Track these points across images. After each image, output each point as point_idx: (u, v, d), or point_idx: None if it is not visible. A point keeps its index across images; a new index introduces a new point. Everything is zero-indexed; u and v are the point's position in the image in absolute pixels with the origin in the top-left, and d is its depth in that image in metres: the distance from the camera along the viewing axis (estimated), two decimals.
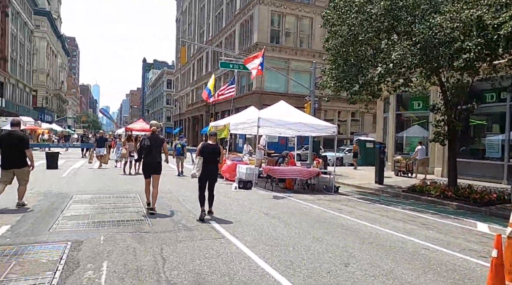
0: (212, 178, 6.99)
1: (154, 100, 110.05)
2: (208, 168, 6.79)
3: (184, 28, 70.75)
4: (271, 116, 11.54)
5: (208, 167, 6.77)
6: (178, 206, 7.82)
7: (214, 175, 7.07)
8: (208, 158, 6.80)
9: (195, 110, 57.04)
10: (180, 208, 7.57)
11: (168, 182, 11.86)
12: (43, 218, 6.04)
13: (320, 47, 40.64)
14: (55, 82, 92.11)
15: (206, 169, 6.74)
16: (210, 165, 6.83)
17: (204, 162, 6.73)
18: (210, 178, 6.94)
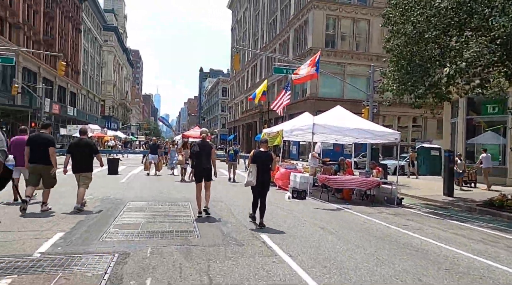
0: (264, 186, 6.86)
1: (210, 108, 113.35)
2: (262, 176, 6.69)
3: (239, 37, 72.05)
4: (327, 122, 10.89)
5: (261, 175, 6.68)
6: (229, 216, 7.51)
7: (266, 183, 6.93)
8: (260, 166, 6.70)
9: (249, 117, 57.49)
10: (230, 219, 7.24)
11: (220, 189, 11.71)
12: (95, 226, 6.03)
13: (378, 50, 38.87)
14: (120, 92, 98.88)
15: (259, 177, 6.66)
16: (262, 172, 6.70)
17: (257, 170, 6.66)
18: (263, 185, 6.82)
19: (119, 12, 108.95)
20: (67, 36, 51.24)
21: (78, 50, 57.26)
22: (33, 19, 39.68)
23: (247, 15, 65.44)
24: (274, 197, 10.72)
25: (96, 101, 72.26)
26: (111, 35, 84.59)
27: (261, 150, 7.06)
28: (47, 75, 43.00)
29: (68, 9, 51.24)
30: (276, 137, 13.82)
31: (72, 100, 53.18)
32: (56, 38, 45.96)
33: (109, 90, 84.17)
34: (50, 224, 6.03)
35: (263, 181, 6.77)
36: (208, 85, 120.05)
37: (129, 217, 6.89)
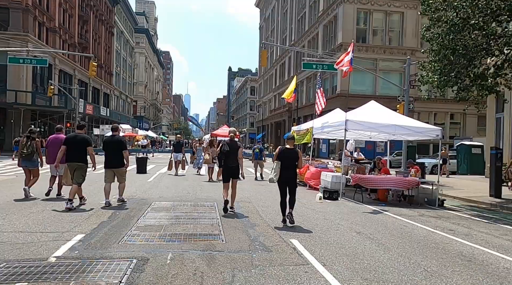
0: (290, 184, 6.70)
1: (238, 107, 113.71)
2: (286, 173, 6.56)
3: (267, 35, 71.56)
4: (361, 118, 10.20)
5: (286, 172, 6.55)
6: (256, 218, 7.06)
7: (292, 180, 6.75)
8: (286, 163, 6.56)
9: (277, 116, 56.93)
10: (258, 221, 6.79)
11: (247, 188, 11.31)
12: (117, 227, 5.77)
13: (412, 43, 37.19)
14: (151, 93, 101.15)
15: (284, 174, 6.54)
16: (288, 170, 6.58)
17: (282, 167, 6.53)
18: (289, 183, 6.68)
19: (149, 15, 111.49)
20: (100, 39, 52.78)
21: (111, 52, 58.88)
22: (69, 23, 41.09)
23: (275, 12, 64.85)
24: (304, 197, 10.18)
25: (128, 102, 74.17)
26: (142, 37, 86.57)
27: (287, 147, 6.85)
28: (82, 77, 44.43)
29: (102, 12, 52.74)
30: (305, 135, 13.25)
31: (105, 101, 54.78)
32: (90, 41, 47.40)
33: (141, 91, 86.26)
34: (72, 224, 5.84)
35: (288, 178, 6.60)
36: (236, 84, 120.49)
37: (152, 218, 6.61)
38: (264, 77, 71.64)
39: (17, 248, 4.50)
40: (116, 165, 7.69)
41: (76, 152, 7.36)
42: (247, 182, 13.51)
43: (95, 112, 39.84)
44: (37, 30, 33.20)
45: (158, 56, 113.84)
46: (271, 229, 6.16)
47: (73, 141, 7.47)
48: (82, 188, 7.63)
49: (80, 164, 7.40)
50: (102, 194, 7.64)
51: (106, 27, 55.78)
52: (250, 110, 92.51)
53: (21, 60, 19.54)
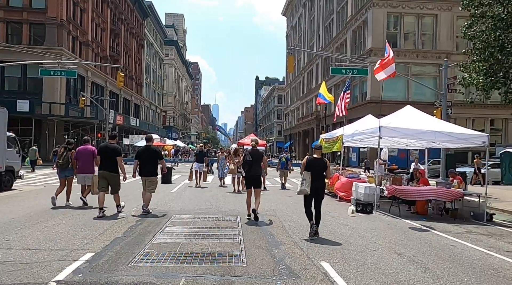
0: (318, 194, 6.51)
1: (265, 115, 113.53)
2: (315, 184, 6.36)
3: (294, 43, 71.14)
4: (396, 124, 9.37)
5: (315, 183, 6.35)
6: (282, 235, 6.42)
7: (320, 191, 6.54)
8: (314, 173, 6.38)
9: (305, 124, 56.03)
10: (284, 238, 6.16)
11: (273, 199, 10.74)
12: (130, 245, 5.31)
13: (447, 46, 35.47)
14: (180, 103, 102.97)
15: (312, 185, 6.34)
16: (316, 180, 6.37)
17: (310, 177, 6.34)
18: (316, 194, 6.47)
19: (179, 27, 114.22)
20: (131, 52, 54.27)
21: (141, 64, 60.42)
22: (101, 37, 42.45)
23: (302, 20, 64.44)
24: (335, 210, 9.43)
25: (158, 112, 75.67)
26: (172, 49, 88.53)
27: (315, 157, 6.66)
28: (113, 88, 45.64)
29: (132, 25, 54.31)
30: (335, 143, 12.50)
31: (135, 111, 56.04)
32: (121, 54, 48.78)
33: (170, 102, 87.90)
34: (84, 241, 5.45)
35: (317, 189, 6.41)
36: (264, 93, 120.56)
37: (169, 234, 6.12)
38: (292, 85, 71.06)
39: (19, 269, 4.12)
40: (150, 174, 7.93)
41: (107, 161, 7.71)
42: (273, 192, 12.95)
43: (125, 123, 40.66)
44: (71, 44, 34.41)
45: (187, 67, 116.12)
46: (299, 249, 5.51)
47: (105, 150, 7.82)
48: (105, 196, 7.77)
49: (112, 174, 7.74)
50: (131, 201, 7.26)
51: (137, 40, 57.35)
52: (278, 119, 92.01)
53: (51, 72, 20.04)
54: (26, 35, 31.48)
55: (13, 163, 12.63)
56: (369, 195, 9.87)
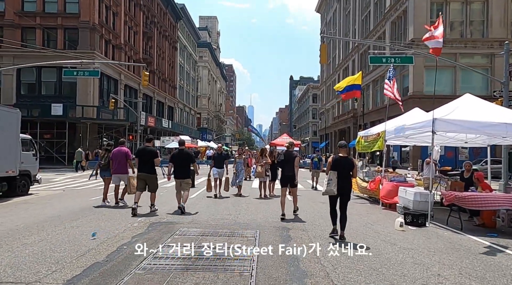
0: (344, 195, 6.28)
1: (300, 115, 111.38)
2: (341, 184, 6.16)
3: (329, 40, 68.76)
4: (455, 116, 7.55)
5: (341, 182, 6.16)
6: (310, 261, 4.93)
7: (346, 191, 6.31)
8: (340, 173, 6.19)
9: (342, 123, 53.59)
10: (313, 267, 4.66)
11: (302, 206, 9.22)
12: (105, 277, 4.09)
13: (501, 34, 31.97)
14: (215, 105, 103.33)
15: (338, 185, 6.14)
16: (342, 180, 6.18)
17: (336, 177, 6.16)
18: (342, 194, 6.26)
19: (212, 29, 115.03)
20: (164, 54, 54.58)
21: (175, 66, 60.73)
22: (134, 40, 42.77)
23: (336, 16, 62.01)
24: (378, 222, 7.78)
25: (192, 114, 76.03)
26: (205, 51, 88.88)
27: (340, 155, 6.40)
28: (147, 91, 45.89)
29: (165, 28, 54.60)
30: (376, 141, 10.77)
31: (169, 113, 56.30)
32: (154, 56, 49.06)
33: (204, 104, 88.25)
34: (53, 267, 4.34)
35: (343, 189, 6.20)
36: (298, 93, 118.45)
37: (164, 257, 4.84)
38: (327, 83, 68.66)
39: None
40: (184, 176, 8.49)
41: (144, 163, 8.26)
42: (304, 196, 11.38)
43: (157, 125, 40.59)
44: (103, 47, 34.70)
45: (221, 69, 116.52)
46: (331, 282, 4.02)
47: (143, 153, 8.35)
48: None
49: (150, 175, 8.31)
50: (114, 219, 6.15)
51: (170, 43, 57.65)
52: (313, 119, 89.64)
53: (75, 72, 19.74)
54: (61, 40, 32.05)
55: (29, 166, 12.06)
56: (421, 203, 8.13)
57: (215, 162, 11.62)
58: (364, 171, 13.41)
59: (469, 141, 9.45)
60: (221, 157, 11.67)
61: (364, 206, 10.38)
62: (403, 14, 35.03)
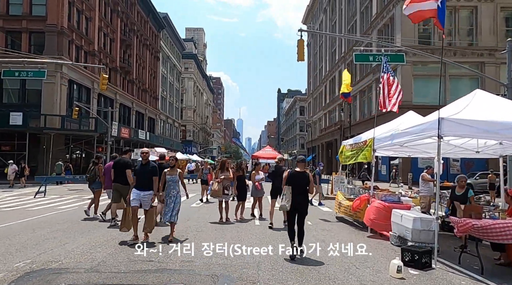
0: (301, 211, 6.00)
1: (288, 128, 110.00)
2: (297, 199, 5.91)
3: (315, 51, 67.84)
4: (468, 114, 5.56)
5: (296, 198, 5.91)
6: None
7: (304, 207, 6.03)
8: (296, 188, 5.96)
9: (328, 135, 51.96)
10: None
11: None
12: None
13: (490, 42, 30.86)
14: (201, 117, 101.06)
15: (293, 200, 5.90)
16: (298, 195, 5.93)
17: (292, 193, 5.93)
18: (299, 210, 5.99)
19: (199, 41, 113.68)
20: (145, 64, 52.45)
21: (157, 77, 58.57)
22: (110, 47, 40.56)
23: (323, 26, 61.12)
24: (367, 262, 5.62)
25: (176, 126, 73.57)
26: (191, 63, 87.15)
27: (297, 170, 6.21)
28: (125, 101, 43.54)
29: (146, 37, 52.61)
30: (361, 150, 8.71)
31: (150, 125, 53.83)
32: (133, 65, 46.88)
33: (190, 116, 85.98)
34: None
35: (299, 204, 5.94)
36: (285, 105, 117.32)
37: None
38: (313, 95, 67.39)
39: None
40: None
41: (119, 174, 8.12)
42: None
43: (133, 136, 38.08)
44: (74, 53, 32.44)
45: (207, 81, 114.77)
46: None
47: (118, 165, 8.22)
48: None
49: (124, 186, 7.99)
50: None
51: (151, 52, 55.63)
52: (300, 131, 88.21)
53: (16, 73, 17.40)
54: (25, 44, 29.70)
55: None
56: (422, 233, 6.07)
57: (137, 177, 7.11)
58: (349, 187, 11.31)
59: (482, 150, 7.43)
60: (145, 169, 6.96)
61: (347, 231, 8.28)
62: (389, 21, 33.84)
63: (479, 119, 5.48)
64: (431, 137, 5.75)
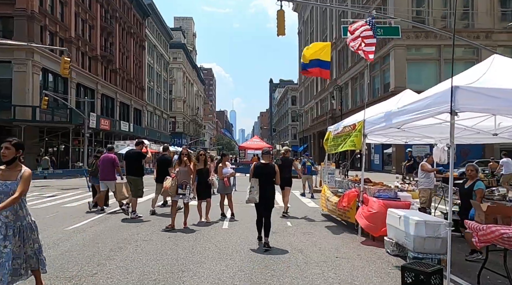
0: (268, 203, 6.08)
1: (280, 119, 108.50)
2: (264, 191, 6.00)
3: (307, 39, 66.01)
4: (489, 82, 4.06)
5: (263, 190, 5.99)
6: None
7: (270, 199, 6.12)
8: (263, 180, 6.04)
9: (320, 125, 50.54)
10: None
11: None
12: None
13: (487, 24, 29.45)
14: (191, 109, 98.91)
15: (261, 192, 5.99)
16: (264, 187, 6.01)
17: (258, 185, 6.02)
18: (267, 202, 6.06)
19: (188, 31, 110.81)
20: (129, 53, 50.27)
21: (142, 66, 56.41)
22: (89, 35, 38.41)
23: (313, 13, 59.27)
24: (357, 276, 4.12)
25: (164, 118, 71.60)
26: (179, 52, 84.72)
27: (263, 162, 6.17)
28: (108, 92, 41.63)
29: (130, 25, 50.33)
30: (349, 136, 7.18)
31: (136, 117, 51.92)
32: (116, 54, 44.74)
33: (179, 107, 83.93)
34: None
35: (267, 197, 6.04)
36: (277, 96, 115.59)
37: None
38: (305, 84, 65.79)
39: None
40: None
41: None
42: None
43: (114, 128, 36.18)
44: (47, 39, 30.36)
45: (197, 71, 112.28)
46: None
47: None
48: None
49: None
50: None
51: (136, 41, 53.39)
52: (292, 122, 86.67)
53: None
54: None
55: None
56: (428, 241, 4.60)
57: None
58: (337, 180, 9.80)
59: (501, 132, 5.89)
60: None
61: (332, 236, 6.79)
62: (382, 3, 32.20)
63: (506, 88, 3.96)
64: (441, 114, 4.23)
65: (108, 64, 42.74)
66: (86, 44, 37.19)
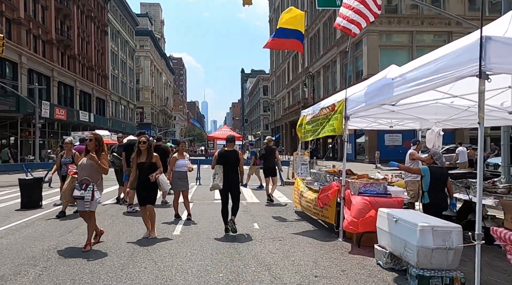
0: (233, 189, 5.98)
1: (252, 109, 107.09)
2: (229, 178, 5.87)
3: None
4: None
5: (228, 177, 5.86)
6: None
7: (235, 186, 5.98)
8: (227, 167, 5.89)
9: (292, 114, 49.62)
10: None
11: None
12: None
13: (458, 10, 29.22)
14: (160, 99, 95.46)
15: (226, 180, 5.86)
16: (229, 174, 5.87)
17: (222, 171, 5.88)
18: (231, 189, 5.96)
19: (155, 17, 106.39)
20: (89, 38, 46.93)
21: (105, 53, 53.08)
22: (43, 16, 35.14)
23: (284, 0, 57.84)
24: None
25: (131, 108, 68.39)
26: (146, 40, 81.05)
27: (226, 149, 6.05)
28: (65, 79, 38.52)
29: (90, 8, 46.89)
30: (326, 119, 5.88)
31: (99, 106, 48.89)
32: (74, 39, 41.48)
33: (147, 97, 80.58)
34: None
35: (231, 183, 5.91)
36: (249, 86, 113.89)
37: None
38: (276, 73, 64.58)
39: None
40: None
41: None
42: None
43: (71, 118, 33.44)
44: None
45: (166, 60, 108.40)
46: None
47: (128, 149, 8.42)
48: None
49: None
50: None
51: (97, 25, 49.97)
52: (264, 112, 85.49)
53: None
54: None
55: None
56: (437, 253, 3.36)
57: None
58: (313, 172, 8.55)
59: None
60: None
61: (309, 242, 5.50)
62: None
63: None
64: (463, 78, 2.96)
65: (66, 50, 39.55)
66: (38, 26, 33.98)
